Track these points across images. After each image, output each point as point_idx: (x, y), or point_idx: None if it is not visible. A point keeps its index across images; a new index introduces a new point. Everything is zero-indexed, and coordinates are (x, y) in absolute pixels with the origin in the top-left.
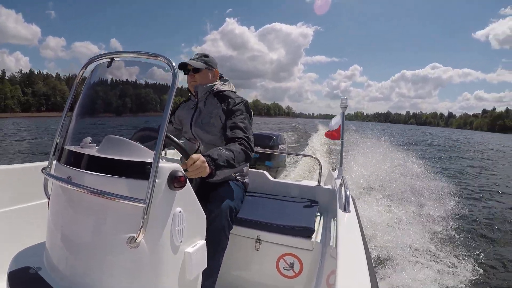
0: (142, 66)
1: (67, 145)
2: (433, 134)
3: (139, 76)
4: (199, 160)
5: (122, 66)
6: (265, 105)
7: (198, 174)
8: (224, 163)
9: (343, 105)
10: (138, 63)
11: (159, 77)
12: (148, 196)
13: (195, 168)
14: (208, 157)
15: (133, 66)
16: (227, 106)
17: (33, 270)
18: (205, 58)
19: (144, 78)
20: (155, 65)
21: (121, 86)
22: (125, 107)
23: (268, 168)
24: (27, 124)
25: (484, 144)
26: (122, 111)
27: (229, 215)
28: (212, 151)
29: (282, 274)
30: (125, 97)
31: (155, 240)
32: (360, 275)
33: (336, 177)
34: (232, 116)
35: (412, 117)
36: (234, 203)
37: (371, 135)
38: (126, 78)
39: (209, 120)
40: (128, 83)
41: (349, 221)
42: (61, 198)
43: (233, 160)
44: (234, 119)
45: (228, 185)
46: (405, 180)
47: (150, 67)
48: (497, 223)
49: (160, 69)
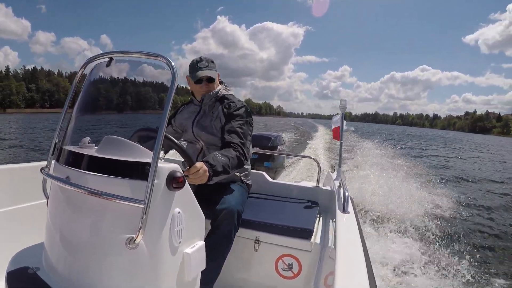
0: (140, 66)
1: (66, 145)
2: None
3: (138, 76)
4: (202, 168)
5: (121, 66)
6: (257, 104)
7: (198, 181)
8: (221, 169)
9: (342, 107)
10: (137, 62)
11: (158, 76)
12: (147, 196)
13: (197, 176)
14: (207, 163)
15: (132, 65)
16: (228, 110)
17: (32, 270)
18: (213, 64)
19: (143, 77)
20: (154, 65)
21: (120, 85)
22: (124, 107)
23: (267, 169)
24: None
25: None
26: (121, 111)
27: (237, 219)
28: (210, 157)
29: (281, 275)
30: (124, 97)
31: (154, 241)
32: (358, 276)
33: (335, 178)
34: (231, 120)
35: (399, 118)
36: (241, 207)
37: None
38: (125, 77)
39: (211, 122)
40: (127, 83)
41: (348, 222)
42: (59, 198)
43: (229, 166)
44: (233, 123)
45: (234, 187)
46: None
47: (148, 67)
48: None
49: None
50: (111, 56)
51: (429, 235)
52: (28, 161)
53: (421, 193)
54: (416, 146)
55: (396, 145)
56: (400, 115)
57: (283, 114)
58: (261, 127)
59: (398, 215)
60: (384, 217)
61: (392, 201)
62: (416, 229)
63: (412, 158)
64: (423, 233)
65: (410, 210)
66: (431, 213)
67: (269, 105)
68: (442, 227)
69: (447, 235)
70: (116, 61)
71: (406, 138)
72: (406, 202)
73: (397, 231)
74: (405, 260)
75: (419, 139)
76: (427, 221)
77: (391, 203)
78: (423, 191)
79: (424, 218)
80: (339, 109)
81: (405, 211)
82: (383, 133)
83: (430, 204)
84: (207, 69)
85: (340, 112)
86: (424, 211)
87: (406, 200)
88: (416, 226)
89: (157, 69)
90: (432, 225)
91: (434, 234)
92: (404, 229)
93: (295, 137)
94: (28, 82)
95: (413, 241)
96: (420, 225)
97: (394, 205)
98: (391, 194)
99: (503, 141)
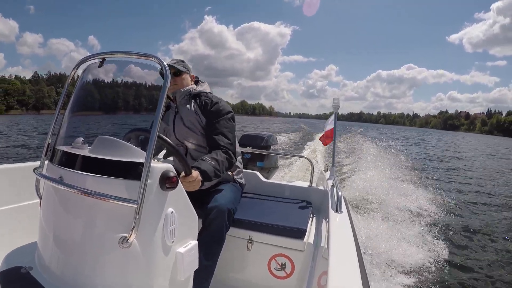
0: (132, 66)
1: (59, 145)
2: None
3: (129, 76)
4: (198, 178)
5: (113, 66)
6: (251, 105)
7: (191, 189)
8: (212, 174)
9: (335, 106)
10: (130, 63)
11: (150, 77)
12: (140, 196)
13: (192, 184)
14: (198, 169)
15: (124, 66)
16: (205, 107)
17: (25, 269)
18: (182, 63)
19: (135, 77)
20: (146, 65)
21: (112, 85)
22: (117, 107)
23: (260, 169)
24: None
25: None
26: (113, 111)
27: (227, 217)
28: (201, 164)
29: (274, 275)
30: (117, 97)
31: (147, 240)
32: (351, 275)
33: (328, 177)
34: (213, 119)
35: (382, 117)
36: (233, 205)
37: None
38: (118, 77)
39: (190, 122)
40: (119, 83)
41: (341, 221)
42: (53, 198)
43: (219, 171)
44: (216, 124)
45: (227, 187)
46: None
47: (141, 67)
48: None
49: (152, 69)
50: (103, 57)
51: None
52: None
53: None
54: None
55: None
56: (383, 114)
57: (275, 114)
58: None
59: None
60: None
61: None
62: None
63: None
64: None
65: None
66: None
67: (262, 106)
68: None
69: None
70: (108, 61)
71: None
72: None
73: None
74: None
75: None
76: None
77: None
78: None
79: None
80: (332, 108)
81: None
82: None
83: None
84: (173, 64)
85: (334, 111)
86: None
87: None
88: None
89: (150, 69)
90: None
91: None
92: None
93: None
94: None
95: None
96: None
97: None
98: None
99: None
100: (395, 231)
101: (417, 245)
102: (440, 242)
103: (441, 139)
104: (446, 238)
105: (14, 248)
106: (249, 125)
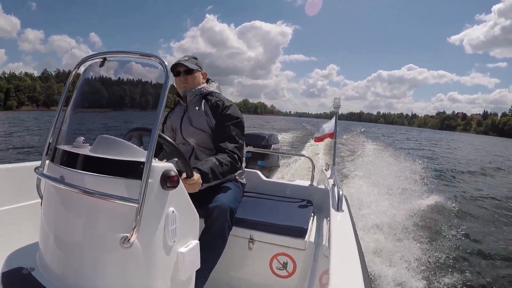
0: (133, 65)
1: (60, 144)
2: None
3: (130, 75)
4: (199, 181)
5: (114, 65)
6: (253, 104)
7: (191, 191)
8: (211, 177)
9: (336, 105)
10: (131, 62)
11: (151, 75)
12: (141, 196)
13: (192, 187)
14: (199, 171)
15: (125, 65)
16: (216, 109)
17: (26, 270)
18: (195, 60)
19: (136, 76)
20: (148, 64)
21: (113, 85)
22: (118, 106)
23: (261, 168)
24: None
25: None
26: (114, 110)
27: (229, 217)
28: (203, 165)
29: (275, 274)
30: (118, 96)
31: (148, 240)
32: (353, 274)
33: (329, 176)
34: (223, 123)
35: (381, 117)
36: (234, 204)
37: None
38: (119, 76)
39: (199, 123)
40: (121, 82)
41: (342, 220)
42: (54, 198)
43: (220, 174)
44: (226, 127)
45: (228, 186)
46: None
47: (142, 66)
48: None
49: (153, 68)
50: (104, 56)
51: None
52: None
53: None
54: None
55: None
56: (382, 114)
57: (276, 113)
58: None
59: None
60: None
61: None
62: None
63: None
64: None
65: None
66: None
67: (263, 105)
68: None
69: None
70: (109, 61)
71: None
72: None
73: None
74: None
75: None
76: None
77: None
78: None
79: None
80: (333, 107)
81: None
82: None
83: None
84: (185, 62)
85: (334, 110)
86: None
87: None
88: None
89: (151, 68)
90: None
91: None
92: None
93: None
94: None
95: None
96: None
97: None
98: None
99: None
100: (396, 230)
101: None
102: (440, 239)
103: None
104: (446, 234)
105: (16, 248)
106: (257, 125)
